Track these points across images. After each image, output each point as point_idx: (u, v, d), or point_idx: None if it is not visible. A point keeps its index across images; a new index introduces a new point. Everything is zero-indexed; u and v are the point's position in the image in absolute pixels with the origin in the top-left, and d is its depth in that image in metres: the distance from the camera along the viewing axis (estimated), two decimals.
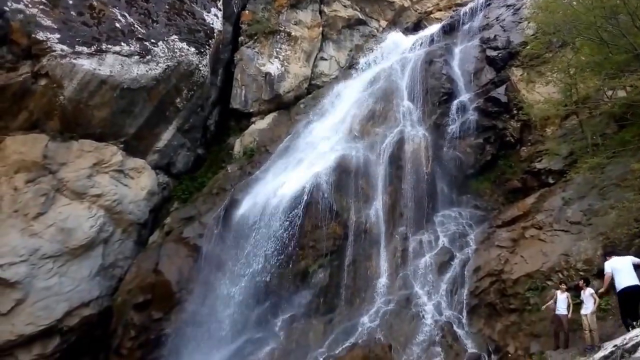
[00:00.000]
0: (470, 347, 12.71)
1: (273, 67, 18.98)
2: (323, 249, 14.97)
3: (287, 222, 14.88)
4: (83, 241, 14.62)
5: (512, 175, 16.61)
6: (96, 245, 14.99)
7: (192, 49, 17.49)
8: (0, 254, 13.54)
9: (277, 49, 19.39)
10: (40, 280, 13.91)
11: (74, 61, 14.98)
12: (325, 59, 20.46)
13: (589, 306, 10.52)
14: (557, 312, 11.57)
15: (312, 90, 19.64)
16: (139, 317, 14.41)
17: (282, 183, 15.79)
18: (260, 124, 18.64)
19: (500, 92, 17.96)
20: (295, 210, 14.99)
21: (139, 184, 16.16)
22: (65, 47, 15.00)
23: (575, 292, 11.97)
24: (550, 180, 15.60)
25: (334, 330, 13.80)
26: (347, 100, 17.98)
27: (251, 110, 18.86)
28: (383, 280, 14.62)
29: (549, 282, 12.64)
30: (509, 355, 12.50)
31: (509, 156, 17.30)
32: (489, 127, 17.73)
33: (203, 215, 15.87)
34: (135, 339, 14.29)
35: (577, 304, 11.62)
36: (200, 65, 17.60)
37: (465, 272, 14.27)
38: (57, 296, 14.03)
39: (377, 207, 15.51)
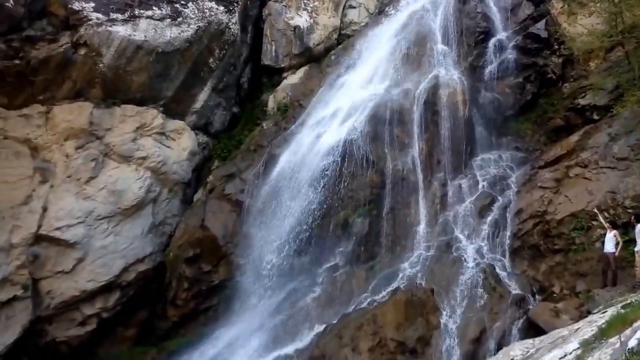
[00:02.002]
0: (514, 289, 12.80)
1: (302, 20, 18.75)
2: (361, 198, 15.15)
3: (325, 174, 15.09)
4: (133, 202, 15.39)
5: (554, 113, 16.11)
6: (146, 205, 15.75)
7: (221, 8, 17.55)
8: (59, 217, 14.47)
9: (305, 1, 19.09)
10: (97, 240, 14.83)
11: (110, 29, 15.39)
12: (354, 7, 19.94)
13: None
14: (605, 251, 11.43)
15: (342, 40, 19.31)
16: (190, 270, 15.22)
17: (318, 136, 15.91)
18: (292, 78, 18.63)
19: (539, 28, 17.21)
20: (332, 162, 15.15)
21: (180, 145, 16.69)
22: (100, 15, 15.41)
23: (623, 229, 11.76)
24: (595, 117, 15.04)
25: (375, 276, 14.14)
26: (378, 48, 17.65)
27: (282, 66, 18.86)
28: (422, 227, 14.75)
29: (594, 222, 12.44)
30: (554, 295, 12.51)
31: (550, 94, 16.73)
32: (528, 65, 17.12)
33: (243, 172, 16.30)
34: (188, 291, 15.16)
35: (626, 242, 11.45)
36: (230, 24, 17.69)
37: (507, 215, 14.20)
38: (113, 254, 14.96)
39: (414, 155, 15.45)
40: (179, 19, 16.49)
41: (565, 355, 6.29)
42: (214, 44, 17.34)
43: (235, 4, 18.02)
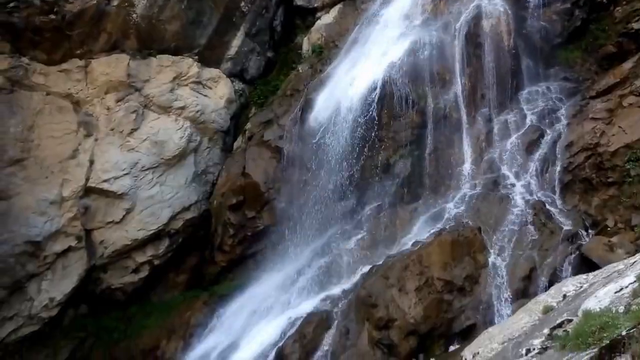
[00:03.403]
0: (566, 225, 12.43)
1: None
2: (402, 139, 14.82)
3: (364, 116, 14.76)
4: (175, 152, 15.55)
5: (606, 40, 15.06)
6: (187, 155, 15.90)
7: None
8: (105, 170, 14.81)
9: None
10: (144, 190, 15.16)
11: None
12: None
13: None
14: None
15: None
16: (234, 216, 15.46)
17: (355, 77, 15.45)
18: (326, 18, 17.97)
19: None
20: (371, 103, 14.76)
21: (217, 93, 16.60)
22: None
23: None
24: None
25: (419, 217, 13.99)
26: None
27: (315, 5, 18.18)
28: (467, 166, 14.37)
29: None
30: (608, 229, 12.11)
31: (601, 19, 15.57)
32: None
33: (280, 118, 16.12)
34: (234, 237, 15.45)
35: None
36: None
37: (557, 149, 13.66)
38: (160, 203, 15.31)
39: (456, 91, 14.85)
40: None
41: (621, 289, 6.03)
42: None
43: None
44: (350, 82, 15.44)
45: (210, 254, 15.88)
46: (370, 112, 14.75)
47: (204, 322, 13.96)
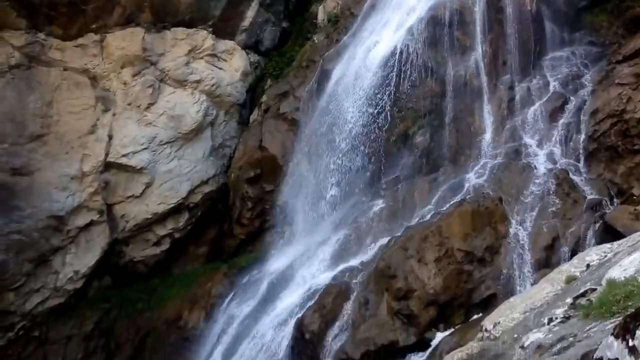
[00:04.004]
0: (590, 193, 12.14)
1: None
2: (421, 109, 14.50)
3: (381, 86, 14.48)
4: (192, 126, 15.55)
5: (633, 1, 14.38)
6: (204, 129, 15.90)
7: None
8: (124, 144, 14.92)
9: None
10: (162, 164, 15.26)
11: None
12: None
13: None
14: None
15: None
16: (252, 190, 15.47)
17: (372, 46, 15.11)
18: None
19: None
20: (388, 72, 14.44)
21: (232, 66, 16.43)
22: None
23: None
24: None
25: (439, 188, 13.78)
26: None
27: None
28: (488, 135, 14.02)
29: None
30: (634, 197, 11.80)
31: None
32: None
33: (296, 89, 15.92)
34: (252, 210, 15.51)
35: None
36: None
37: (581, 116, 13.23)
38: (179, 177, 15.41)
39: (477, 58, 14.42)
40: None
41: None
42: None
43: None
44: (367, 51, 15.11)
45: (229, 227, 16.00)
46: (388, 82, 14.45)
47: (225, 293, 14.16)
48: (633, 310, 3.92)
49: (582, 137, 13.00)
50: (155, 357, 14.14)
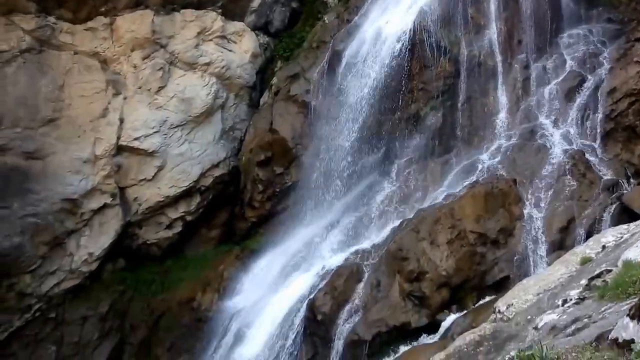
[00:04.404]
0: (606, 174, 11.97)
1: None
2: (434, 89, 14.30)
3: (393, 67, 14.25)
4: (202, 109, 15.49)
5: None
6: (215, 112, 15.83)
7: None
8: (135, 128, 14.93)
9: None
10: (173, 147, 15.27)
11: None
12: None
13: None
14: None
15: None
16: (263, 173, 15.44)
17: (384, 25, 14.85)
18: None
19: None
20: (401, 53, 14.21)
21: (242, 48, 16.27)
22: None
23: None
24: None
25: (452, 170, 13.65)
26: None
27: None
28: (502, 115, 13.81)
29: None
30: None
31: None
32: None
33: (307, 71, 15.72)
34: (263, 193, 15.48)
35: None
36: None
37: (599, 96, 12.96)
38: (190, 160, 15.42)
39: (491, 37, 14.13)
40: None
41: None
42: None
43: None
44: (378, 32, 14.86)
45: (240, 209, 16.02)
46: (400, 63, 14.22)
47: (237, 275, 14.24)
48: None
49: (599, 116, 12.75)
50: (169, 338, 14.33)
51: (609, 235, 8.17)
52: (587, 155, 12.38)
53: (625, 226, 8.28)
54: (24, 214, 13.49)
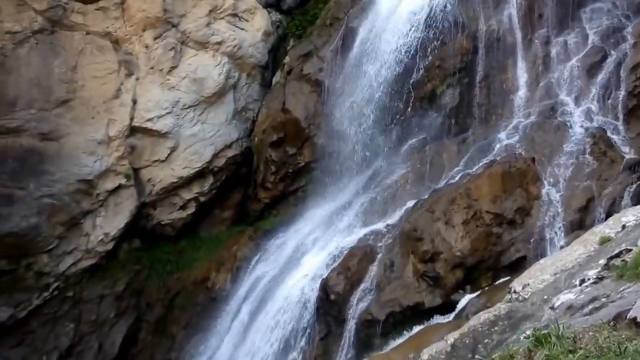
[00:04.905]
0: (628, 153, 11.54)
1: None
2: (450, 67, 13.95)
3: (408, 44, 13.94)
4: (214, 89, 15.38)
5: None
6: (227, 92, 15.71)
7: None
8: (148, 109, 14.91)
9: None
10: (186, 128, 15.23)
11: None
12: None
13: None
14: None
15: None
16: (276, 153, 15.34)
17: (399, 1, 14.50)
18: None
19: None
20: (415, 29, 13.89)
21: (254, 26, 16.06)
22: None
23: None
24: None
25: (468, 149, 13.37)
26: None
27: None
28: (521, 93, 13.41)
29: None
30: None
31: None
32: None
33: (320, 49, 15.47)
34: (276, 174, 15.41)
35: None
36: None
37: (622, 72, 12.46)
38: (203, 141, 15.38)
39: (511, 11, 13.67)
40: None
41: None
42: None
43: None
44: (394, 7, 14.52)
45: (253, 190, 16.00)
46: (415, 39, 13.89)
47: (250, 256, 14.27)
48: None
49: (622, 93, 12.29)
50: (184, 316, 14.49)
51: (629, 215, 7.93)
52: (608, 133, 11.98)
53: None
54: (40, 195, 13.64)
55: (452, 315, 10.51)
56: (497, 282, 10.90)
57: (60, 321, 14.04)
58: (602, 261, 5.79)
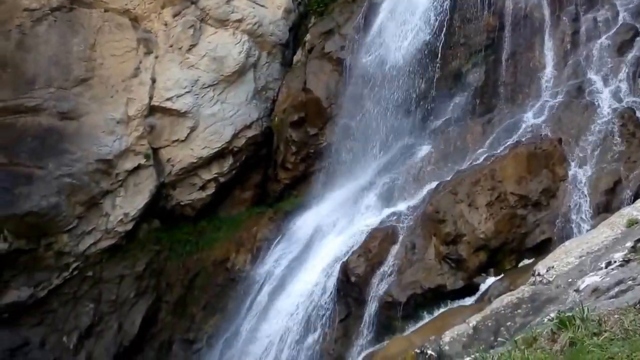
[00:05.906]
0: None
1: None
2: (476, 44, 13.61)
3: (433, 20, 13.61)
4: (234, 67, 15.19)
5: None
6: (247, 71, 15.52)
7: None
8: (167, 88, 14.80)
9: None
10: (206, 108, 15.11)
11: None
12: None
13: None
14: None
15: None
16: (296, 133, 15.20)
17: None
18: None
19: None
20: (441, 6, 13.53)
21: (274, 3, 15.75)
22: None
23: None
24: None
25: (493, 130, 13.03)
26: None
27: None
28: (549, 71, 13.02)
29: None
30: None
31: None
32: None
33: (342, 27, 15.20)
34: (296, 154, 15.29)
35: None
36: None
37: None
38: (222, 121, 15.26)
39: None
40: None
41: None
42: None
43: None
44: None
45: (273, 171, 15.91)
46: (441, 16, 13.55)
47: (270, 237, 14.22)
48: None
49: None
50: (204, 297, 14.56)
51: None
52: (637, 114, 11.56)
53: None
54: (59, 174, 13.68)
55: (474, 298, 10.36)
56: (520, 265, 10.71)
57: (81, 301, 14.20)
58: (629, 244, 5.61)
